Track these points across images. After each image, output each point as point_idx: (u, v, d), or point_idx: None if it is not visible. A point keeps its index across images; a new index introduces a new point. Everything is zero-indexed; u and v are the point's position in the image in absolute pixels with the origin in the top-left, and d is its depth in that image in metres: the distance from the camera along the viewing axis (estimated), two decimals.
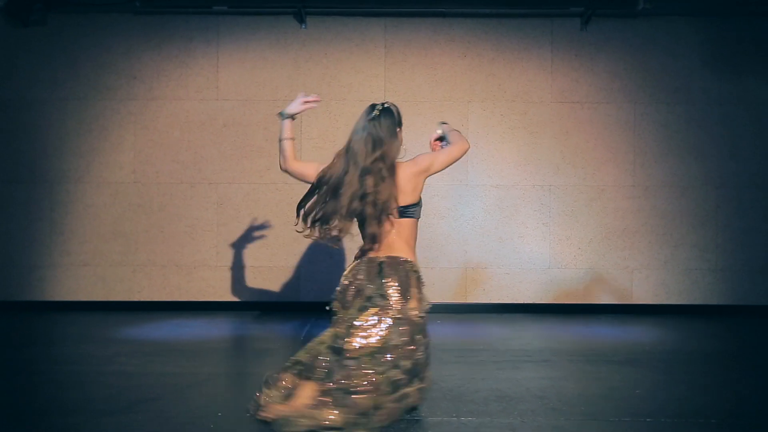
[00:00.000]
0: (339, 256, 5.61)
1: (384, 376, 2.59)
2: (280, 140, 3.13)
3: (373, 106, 2.96)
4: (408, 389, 2.65)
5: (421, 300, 2.79)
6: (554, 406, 2.91)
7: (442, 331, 4.75)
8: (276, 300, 5.61)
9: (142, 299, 5.60)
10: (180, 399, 3.02)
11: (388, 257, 2.83)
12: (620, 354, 4.01)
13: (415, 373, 2.68)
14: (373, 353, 2.62)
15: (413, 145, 5.71)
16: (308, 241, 5.60)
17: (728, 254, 5.62)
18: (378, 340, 2.64)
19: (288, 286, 5.63)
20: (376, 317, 2.69)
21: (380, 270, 2.79)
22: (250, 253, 5.63)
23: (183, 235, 5.62)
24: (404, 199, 2.86)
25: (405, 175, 2.90)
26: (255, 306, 5.60)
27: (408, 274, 2.80)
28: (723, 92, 5.63)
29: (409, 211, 2.89)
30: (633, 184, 5.62)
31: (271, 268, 5.63)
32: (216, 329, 4.79)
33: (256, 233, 5.63)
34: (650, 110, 5.64)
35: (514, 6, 5.51)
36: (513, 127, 5.64)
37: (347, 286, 2.86)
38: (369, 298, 2.75)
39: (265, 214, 5.63)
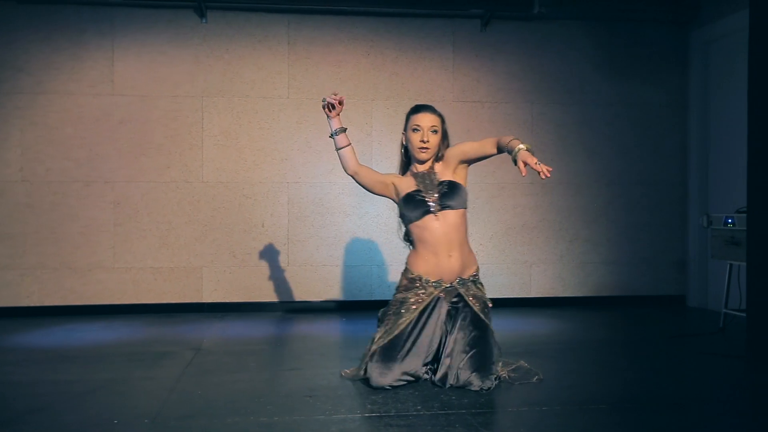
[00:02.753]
0: (243, 255, 5.53)
1: None
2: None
3: None
4: None
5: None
6: (453, 396, 2.98)
7: (347, 329, 4.76)
8: (177, 301, 5.46)
9: (31, 304, 5.31)
10: (73, 407, 2.88)
11: None
12: (519, 345, 4.15)
13: None
14: None
15: (317, 142, 5.72)
16: (210, 241, 5.50)
17: (618, 248, 5.94)
18: None
19: (189, 287, 5.49)
20: None
21: None
22: (150, 253, 5.45)
23: (77, 236, 5.36)
24: None
25: None
26: (154, 308, 5.42)
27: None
28: (612, 93, 5.94)
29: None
30: (531, 182, 5.83)
31: (172, 269, 5.47)
32: (113, 334, 4.60)
33: (156, 233, 5.46)
34: (546, 110, 5.87)
35: (416, 6, 5.59)
36: None
37: None
38: None
39: (165, 214, 5.47)
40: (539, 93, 5.87)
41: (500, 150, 3.15)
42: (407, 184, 3.30)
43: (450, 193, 3.21)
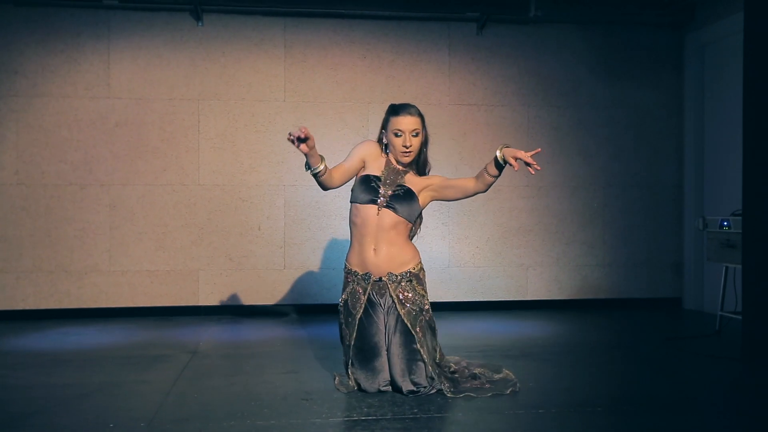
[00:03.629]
0: (239, 258, 5.52)
1: None
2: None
3: None
4: None
5: None
6: (450, 400, 2.98)
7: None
8: (173, 305, 5.45)
9: (27, 307, 5.29)
10: (68, 411, 2.87)
11: None
12: (515, 348, 4.15)
13: None
14: None
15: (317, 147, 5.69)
16: (206, 244, 5.50)
17: (614, 250, 5.95)
18: None
19: (186, 290, 5.48)
20: None
21: None
22: (146, 256, 5.44)
23: (72, 239, 5.35)
24: None
25: None
26: (150, 311, 5.41)
27: None
28: (608, 96, 5.95)
29: None
30: (527, 185, 5.84)
31: (168, 272, 5.46)
32: (109, 337, 4.59)
33: (152, 236, 5.45)
34: (542, 113, 5.88)
35: (413, 9, 5.60)
36: None
37: None
38: None
39: (161, 217, 5.46)
40: (535, 96, 5.88)
41: (481, 178, 3.14)
42: (377, 165, 3.26)
43: (402, 199, 3.17)
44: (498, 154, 3.04)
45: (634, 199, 5.98)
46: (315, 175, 3.11)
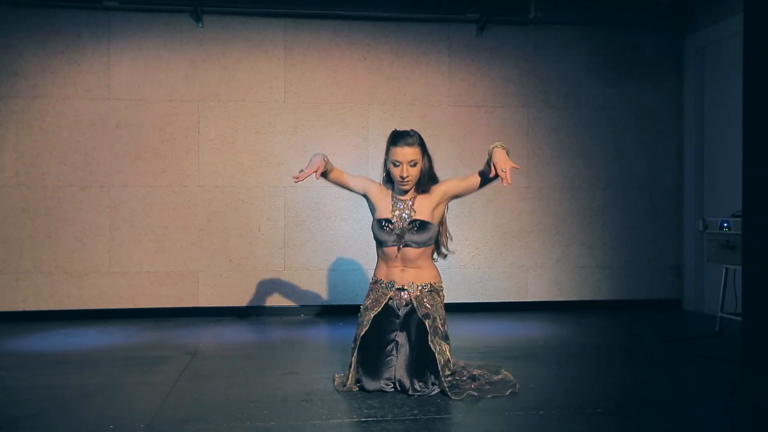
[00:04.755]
0: (239, 259, 5.52)
1: None
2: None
3: None
4: None
5: None
6: (450, 401, 2.98)
7: (344, 333, 4.76)
8: (173, 306, 5.45)
9: (27, 309, 5.29)
10: (68, 412, 2.87)
11: None
12: (515, 350, 4.15)
13: None
14: None
15: (313, 147, 5.72)
16: (206, 245, 5.50)
17: (614, 252, 5.95)
18: None
19: (185, 291, 5.48)
20: None
21: None
22: (146, 258, 5.44)
23: (73, 240, 5.35)
24: None
25: None
26: (150, 313, 5.41)
27: None
28: (608, 98, 5.95)
29: None
30: (527, 186, 5.84)
31: (168, 273, 5.46)
32: (108, 338, 4.59)
33: (152, 237, 5.45)
34: (542, 114, 5.88)
35: (413, 10, 5.60)
36: None
37: None
38: None
39: (161, 218, 5.46)
40: (535, 97, 5.88)
41: (483, 174, 3.27)
42: (384, 205, 3.35)
43: (418, 232, 3.27)
44: (492, 149, 3.14)
45: (634, 201, 5.98)
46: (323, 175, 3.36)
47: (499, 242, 5.82)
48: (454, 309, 5.62)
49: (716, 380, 3.47)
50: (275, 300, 5.57)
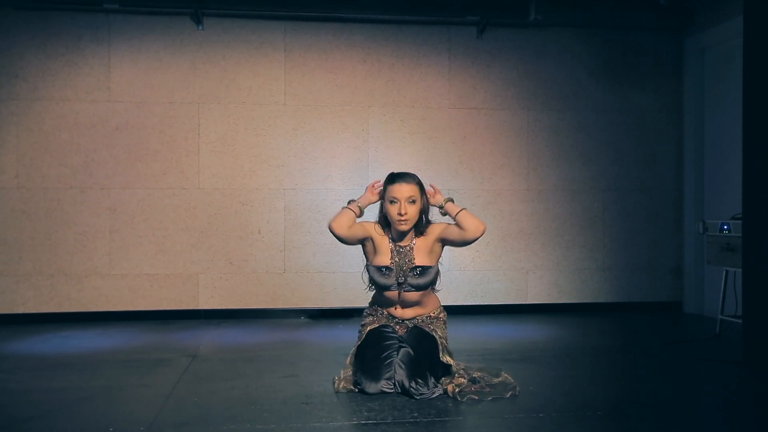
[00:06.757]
0: (239, 262, 5.52)
1: None
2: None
3: None
4: None
5: None
6: (450, 404, 2.97)
7: (344, 336, 4.76)
8: (173, 308, 5.45)
9: (26, 311, 5.29)
10: (68, 415, 2.87)
11: None
12: (516, 352, 4.15)
13: None
14: None
15: (313, 149, 5.72)
16: (207, 248, 5.50)
17: (614, 254, 5.94)
18: None
19: (186, 293, 5.48)
20: None
21: None
22: (146, 260, 5.44)
23: (73, 242, 5.35)
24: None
25: None
26: (150, 315, 5.41)
27: None
28: (608, 100, 5.96)
29: None
30: (527, 188, 5.84)
31: (168, 275, 5.46)
32: (108, 341, 4.59)
33: (152, 240, 5.45)
34: (542, 117, 5.88)
35: (413, 13, 5.60)
36: (413, 132, 5.73)
37: None
38: None
39: (161, 220, 5.46)
40: (535, 99, 5.88)
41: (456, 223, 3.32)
42: (384, 251, 3.33)
43: (419, 277, 3.29)
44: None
45: (634, 203, 5.98)
46: (351, 208, 3.41)
47: (499, 244, 5.82)
48: (454, 311, 5.62)
49: (717, 383, 3.47)
50: (275, 302, 5.57)
